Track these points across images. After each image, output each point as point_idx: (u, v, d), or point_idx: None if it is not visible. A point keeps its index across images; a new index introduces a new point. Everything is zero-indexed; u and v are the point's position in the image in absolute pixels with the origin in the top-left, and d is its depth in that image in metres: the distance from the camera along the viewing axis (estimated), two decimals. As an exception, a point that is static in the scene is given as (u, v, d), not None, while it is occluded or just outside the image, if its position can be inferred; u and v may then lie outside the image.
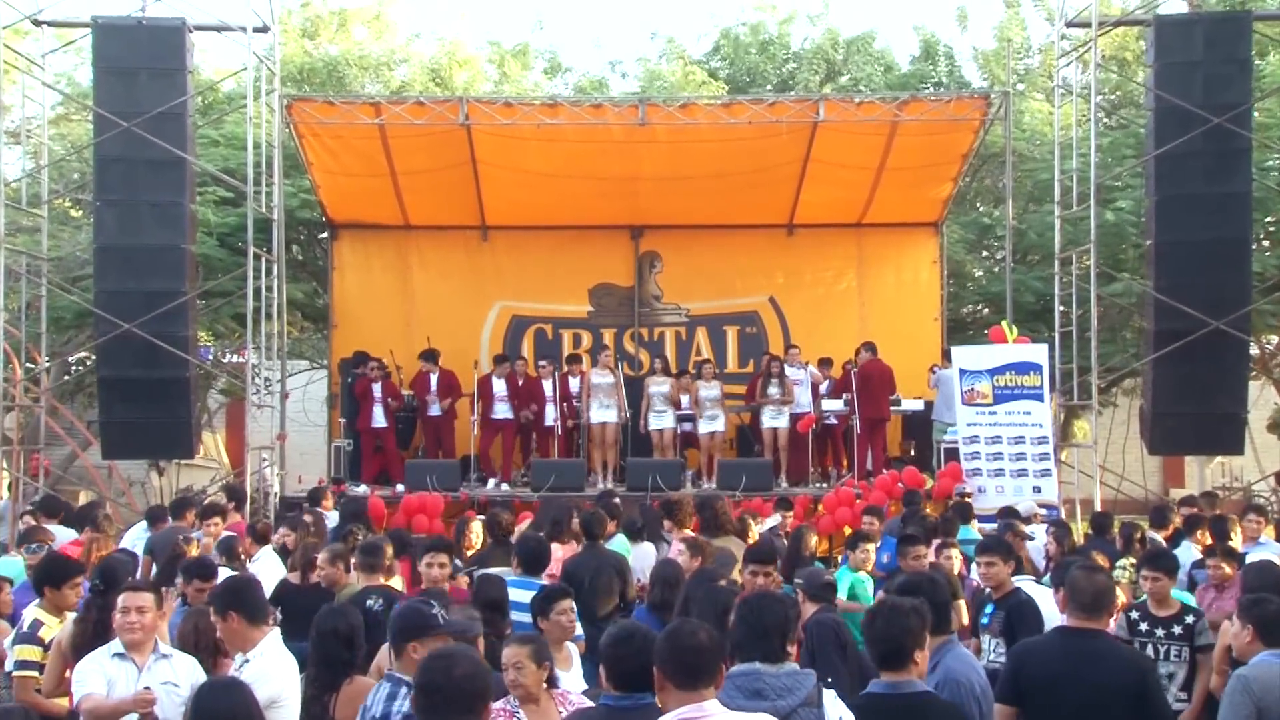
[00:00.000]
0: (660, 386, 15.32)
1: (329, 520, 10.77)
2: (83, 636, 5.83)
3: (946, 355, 15.15)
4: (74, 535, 10.03)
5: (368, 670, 5.31)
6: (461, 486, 14.21)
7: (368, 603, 6.72)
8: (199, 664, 5.58)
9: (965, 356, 13.69)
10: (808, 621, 6.02)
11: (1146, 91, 14.19)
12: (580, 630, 6.21)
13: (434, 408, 15.36)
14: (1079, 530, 12.12)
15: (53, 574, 6.37)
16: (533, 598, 6.07)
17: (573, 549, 9.07)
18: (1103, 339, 15.09)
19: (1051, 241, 15.49)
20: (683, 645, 3.64)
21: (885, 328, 16.56)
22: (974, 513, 11.22)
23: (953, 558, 8.31)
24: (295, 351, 20.24)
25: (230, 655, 5.37)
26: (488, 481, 15.08)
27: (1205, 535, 9.45)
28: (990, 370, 13.28)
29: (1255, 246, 15.25)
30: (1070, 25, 15.11)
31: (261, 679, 4.74)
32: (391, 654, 4.70)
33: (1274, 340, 19.00)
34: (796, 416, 15.07)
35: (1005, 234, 16.72)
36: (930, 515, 10.66)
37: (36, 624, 6.15)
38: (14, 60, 14.72)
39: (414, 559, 8.56)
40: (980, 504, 12.28)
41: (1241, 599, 5.78)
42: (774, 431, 15.16)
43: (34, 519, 10.48)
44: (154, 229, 13.52)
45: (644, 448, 15.32)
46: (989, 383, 13.23)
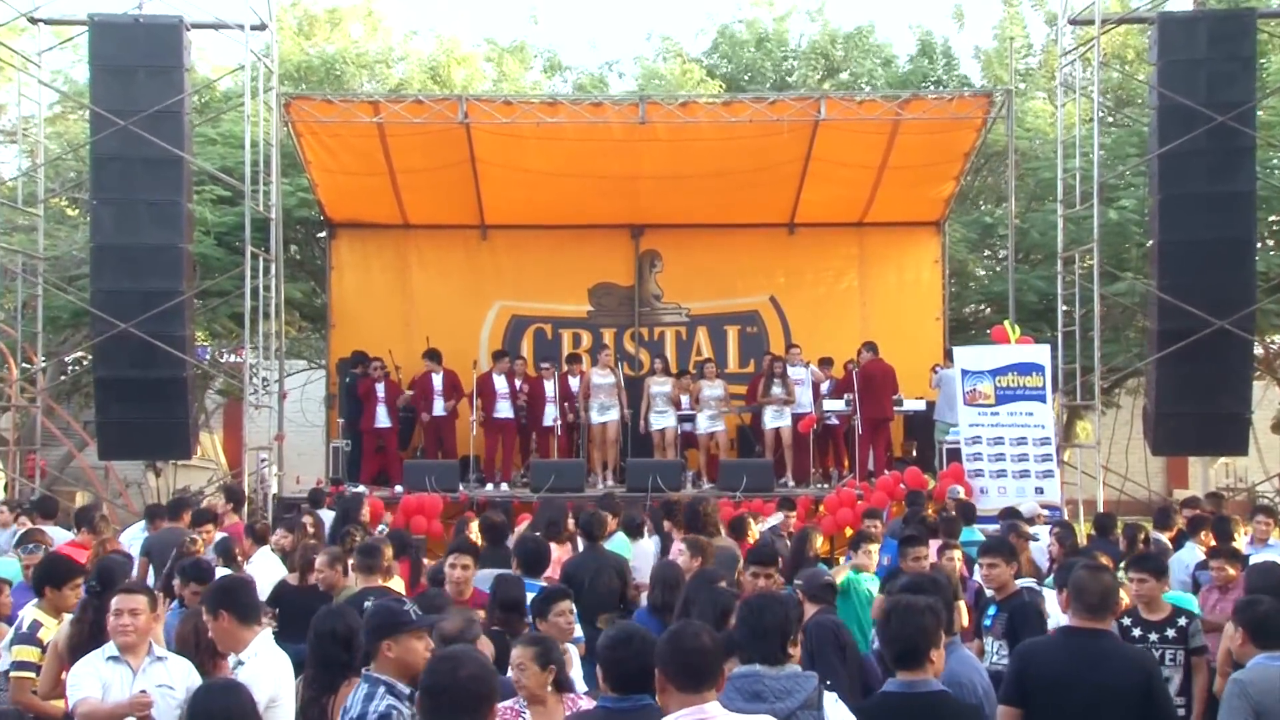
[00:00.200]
0: (662, 386, 15.24)
1: (328, 523, 10.71)
2: (79, 638, 5.76)
3: (948, 355, 15.10)
4: (70, 536, 10.00)
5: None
6: (460, 487, 14.13)
7: (366, 604, 6.63)
8: (194, 666, 5.50)
9: (967, 357, 13.67)
10: (807, 623, 5.96)
11: (1150, 89, 14.15)
12: (580, 632, 6.16)
13: (438, 407, 15.28)
14: (1082, 531, 12.06)
15: (54, 575, 6.30)
16: (532, 599, 6.02)
17: (568, 550, 9.00)
18: (1106, 339, 15.05)
19: (1054, 240, 15.44)
20: (685, 648, 3.62)
21: (887, 327, 16.48)
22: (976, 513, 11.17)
23: (955, 559, 8.26)
24: (293, 351, 20.20)
25: (224, 656, 5.30)
26: (486, 482, 15.01)
27: (1209, 536, 9.40)
28: (992, 371, 13.27)
29: (1259, 246, 15.22)
30: (1073, 23, 15.03)
31: (258, 680, 4.70)
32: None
33: (1278, 340, 18.93)
34: (797, 417, 14.98)
35: (1007, 233, 16.65)
36: (930, 516, 10.60)
37: (35, 625, 6.08)
38: (10, 58, 14.70)
39: (414, 560, 8.54)
40: (982, 505, 12.24)
41: (1236, 601, 5.72)
42: (776, 432, 15.07)
43: (29, 520, 10.42)
44: (151, 228, 13.52)
45: (644, 448, 15.25)
46: (991, 383, 13.21)
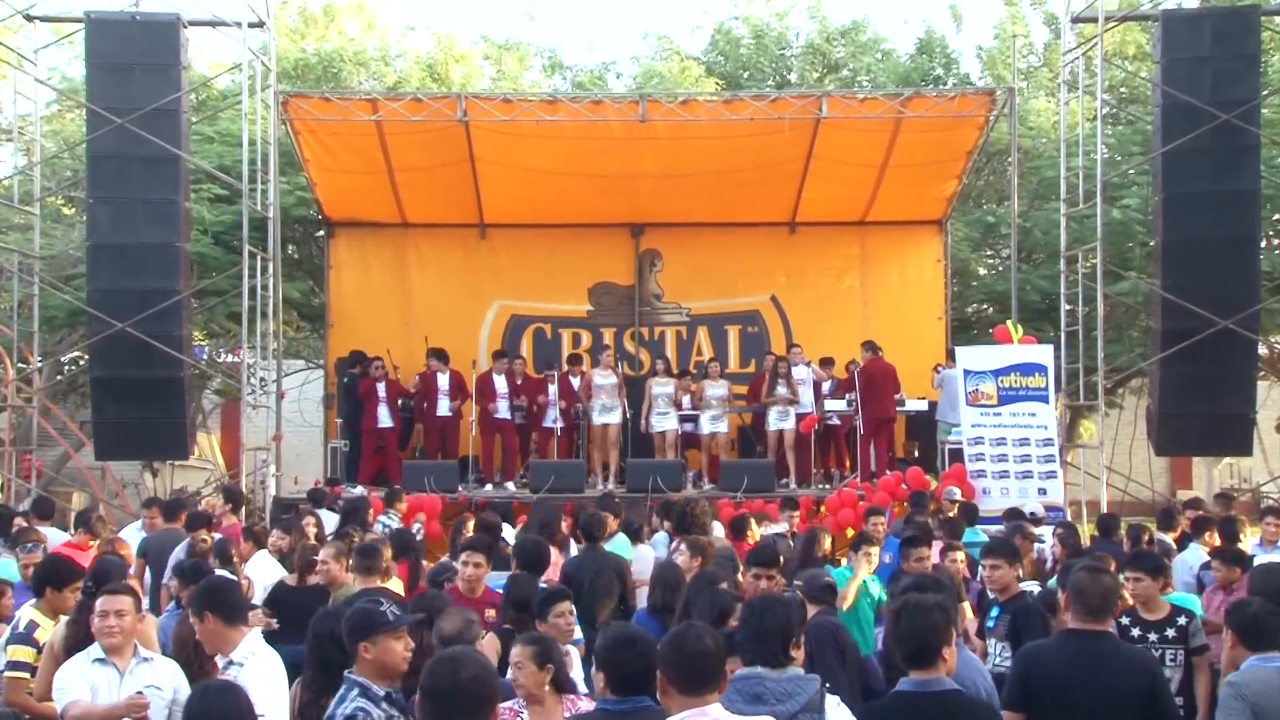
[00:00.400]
0: (664, 387, 15.13)
1: (328, 525, 10.64)
2: (75, 639, 5.70)
3: (951, 355, 15.06)
4: (66, 537, 9.96)
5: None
6: (460, 488, 14.06)
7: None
8: (194, 668, 5.48)
9: (969, 357, 13.61)
10: (807, 624, 5.89)
11: (1153, 87, 14.09)
12: (579, 633, 6.10)
13: (443, 407, 15.18)
14: (1085, 532, 11.98)
15: (55, 576, 6.25)
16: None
17: (561, 553, 8.93)
18: (1109, 338, 14.96)
19: (1057, 239, 15.38)
20: (688, 650, 3.62)
21: (888, 327, 16.43)
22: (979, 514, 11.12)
23: (958, 560, 8.24)
24: (291, 351, 20.16)
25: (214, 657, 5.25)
26: (485, 483, 14.93)
27: (1213, 537, 9.33)
28: (995, 371, 13.23)
29: (1264, 244, 15.15)
30: (1076, 20, 14.95)
31: (254, 681, 4.67)
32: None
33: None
34: (799, 417, 14.91)
35: (1010, 232, 16.61)
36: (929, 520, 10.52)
37: (32, 625, 6.04)
38: (5, 55, 14.61)
39: (413, 561, 8.47)
40: (984, 506, 12.21)
41: (1228, 604, 5.66)
42: (780, 433, 14.94)
43: (25, 520, 10.37)
44: (148, 227, 13.47)
45: (645, 448, 15.17)
46: (993, 384, 13.15)
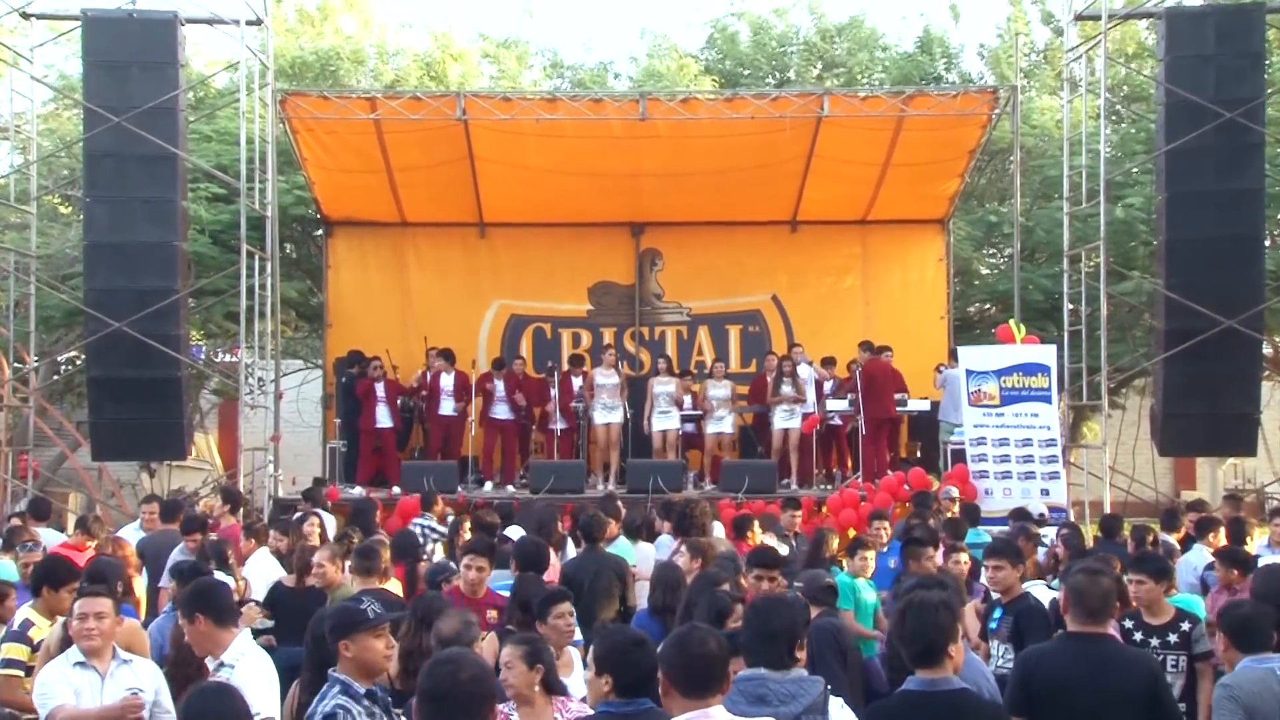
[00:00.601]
0: (665, 387, 15.03)
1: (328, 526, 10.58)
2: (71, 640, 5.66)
3: (953, 354, 15.01)
4: (63, 538, 9.94)
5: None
6: (459, 488, 13.97)
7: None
8: (179, 669, 5.50)
9: (972, 357, 13.56)
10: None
11: (1157, 86, 14.05)
12: (579, 635, 6.02)
13: (447, 407, 15.10)
14: (1088, 533, 11.92)
15: (53, 575, 6.29)
16: (530, 601, 5.90)
17: (556, 555, 8.87)
18: (1112, 338, 14.91)
19: (1060, 239, 15.31)
20: (692, 653, 3.62)
21: (890, 326, 16.37)
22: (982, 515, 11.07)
23: (961, 561, 8.27)
24: (289, 351, 20.12)
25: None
26: (485, 483, 14.86)
27: (1217, 538, 9.30)
28: (997, 371, 13.18)
29: (1268, 243, 15.07)
30: (1079, 18, 14.88)
31: (248, 682, 4.66)
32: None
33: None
34: (803, 416, 14.82)
35: (1013, 231, 16.51)
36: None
37: (27, 624, 6.07)
38: (2, 53, 14.56)
39: (411, 564, 8.43)
40: (986, 506, 12.20)
41: (1220, 607, 5.61)
42: (785, 433, 14.81)
43: (20, 521, 10.33)
44: (145, 226, 13.45)
45: (645, 448, 15.09)
46: (996, 384, 13.10)
